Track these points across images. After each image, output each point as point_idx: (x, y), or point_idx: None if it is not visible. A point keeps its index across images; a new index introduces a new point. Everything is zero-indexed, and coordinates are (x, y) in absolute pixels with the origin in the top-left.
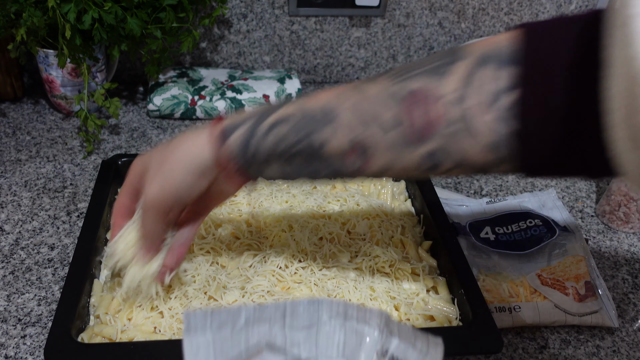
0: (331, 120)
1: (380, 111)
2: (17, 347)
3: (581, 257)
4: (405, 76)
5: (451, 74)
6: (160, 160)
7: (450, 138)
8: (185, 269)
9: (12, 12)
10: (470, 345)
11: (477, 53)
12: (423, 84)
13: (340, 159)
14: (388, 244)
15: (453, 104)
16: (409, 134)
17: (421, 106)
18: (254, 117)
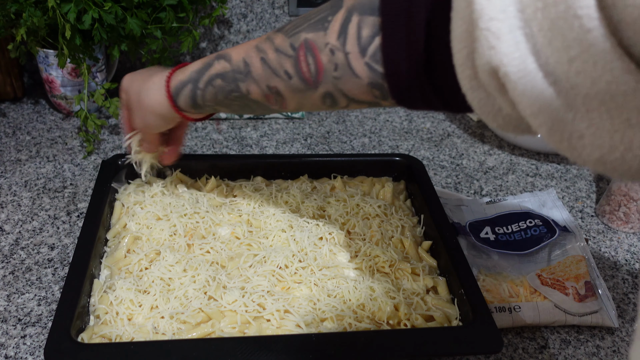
0: (249, 71)
1: (282, 61)
2: (17, 347)
3: (581, 257)
4: (299, 28)
5: (331, 25)
6: (136, 103)
7: (338, 80)
8: (185, 269)
9: (12, 12)
10: (470, 345)
11: (348, 4)
12: (312, 34)
13: (264, 100)
14: (388, 244)
15: (335, 50)
16: (306, 79)
17: (311, 54)
18: (193, 76)
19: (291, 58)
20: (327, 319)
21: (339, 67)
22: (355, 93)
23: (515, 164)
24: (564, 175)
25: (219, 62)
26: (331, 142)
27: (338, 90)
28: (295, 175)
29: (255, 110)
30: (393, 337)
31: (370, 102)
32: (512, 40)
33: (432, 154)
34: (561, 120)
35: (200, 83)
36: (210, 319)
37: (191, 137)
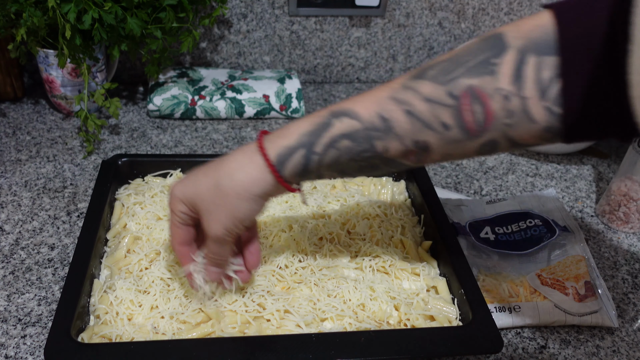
0: (390, 127)
1: (437, 112)
2: (17, 347)
3: (581, 257)
4: (454, 73)
5: (501, 69)
6: (215, 197)
7: (509, 127)
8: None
9: (12, 12)
10: (470, 345)
11: (518, 44)
12: (476, 81)
13: (401, 157)
14: (388, 244)
15: (511, 96)
16: (469, 129)
17: (479, 102)
18: (304, 141)
19: (450, 108)
20: (327, 319)
21: (514, 114)
22: (525, 138)
23: (515, 164)
24: (564, 175)
25: (341, 120)
26: None
27: (506, 137)
28: None
29: (378, 169)
30: (393, 337)
31: (531, 145)
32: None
33: None
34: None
35: (317, 147)
36: (210, 319)
37: (191, 137)
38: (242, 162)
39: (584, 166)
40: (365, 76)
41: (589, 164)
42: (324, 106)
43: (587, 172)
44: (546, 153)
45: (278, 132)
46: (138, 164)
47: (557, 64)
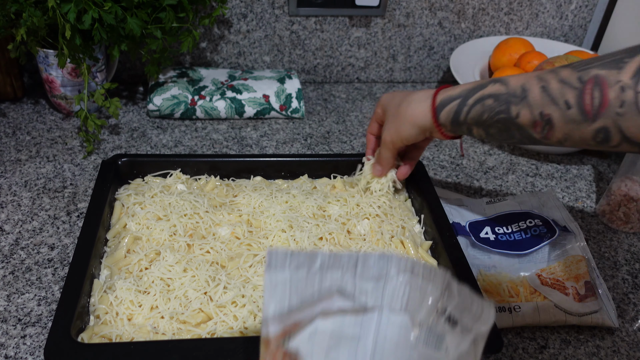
0: (526, 96)
1: (564, 92)
2: (17, 347)
3: (581, 257)
4: (590, 65)
5: (628, 65)
6: (395, 113)
7: (620, 117)
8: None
9: (12, 12)
10: None
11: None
12: (604, 72)
13: (529, 127)
14: (388, 244)
15: (626, 88)
16: (585, 112)
17: (599, 88)
18: (463, 93)
19: (576, 89)
20: None
21: (625, 104)
22: (633, 132)
23: (515, 164)
24: (564, 175)
25: (494, 84)
26: (331, 142)
27: (616, 126)
28: (295, 175)
29: (513, 136)
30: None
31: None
32: None
33: (432, 154)
34: None
35: (470, 100)
36: (210, 319)
37: (191, 137)
38: (422, 97)
39: (584, 166)
40: (365, 76)
41: (589, 164)
42: (324, 106)
43: (587, 172)
44: (546, 153)
45: (454, 86)
46: (138, 164)
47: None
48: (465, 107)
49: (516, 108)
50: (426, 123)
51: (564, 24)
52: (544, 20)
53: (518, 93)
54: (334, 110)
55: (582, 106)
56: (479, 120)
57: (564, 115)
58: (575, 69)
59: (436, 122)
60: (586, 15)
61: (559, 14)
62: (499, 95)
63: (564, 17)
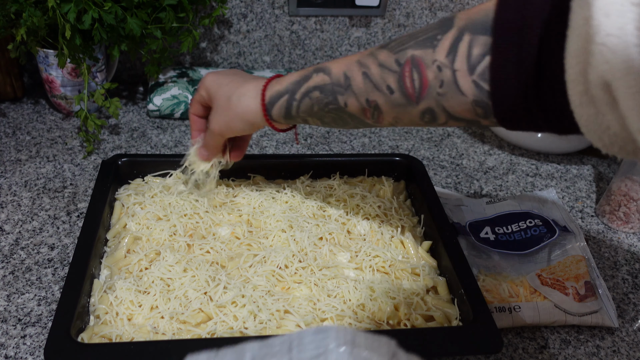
0: (350, 85)
1: (385, 76)
2: (17, 347)
3: (581, 257)
4: (406, 45)
5: (441, 43)
6: (224, 105)
7: (442, 97)
8: (185, 269)
9: (12, 12)
10: (470, 345)
11: (460, 24)
12: (419, 52)
13: (360, 114)
14: (388, 244)
15: (443, 67)
16: (409, 95)
17: (417, 70)
18: (290, 87)
19: (395, 73)
20: (327, 319)
21: (445, 84)
22: (457, 110)
23: (515, 164)
24: (564, 175)
25: (318, 74)
26: (331, 142)
27: (440, 106)
28: (295, 175)
29: (348, 123)
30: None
31: (469, 120)
32: (627, 56)
33: (432, 154)
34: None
35: (297, 94)
36: (210, 319)
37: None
38: (251, 92)
39: (584, 166)
40: None
41: (589, 164)
42: None
43: (587, 172)
44: (546, 153)
45: (280, 78)
46: (138, 164)
47: (489, 43)
48: (294, 101)
49: (342, 98)
50: (257, 119)
51: None
52: None
53: (342, 82)
54: None
55: (403, 90)
56: (311, 112)
57: (389, 100)
58: (392, 50)
59: (268, 119)
60: None
61: None
62: (324, 87)
63: None
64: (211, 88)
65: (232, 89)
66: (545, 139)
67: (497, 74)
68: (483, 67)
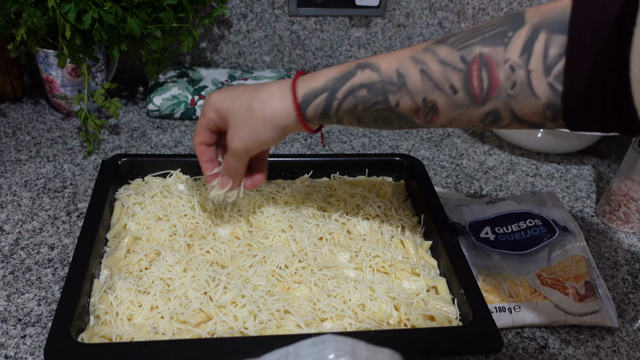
0: (404, 83)
1: (448, 74)
2: (17, 347)
3: (581, 257)
4: (471, 41)
5: (513, 41)
6: (244, 116)
7: (512, 98)
8: (185, 269)
9: (12, 12)
10: (470, 345)
11: (534, 21)
12: (488, 49)
13: (412, 114)
14: (388, 244)
15: (516, 68)
16: (475, 95)
17: (487, 70)
18: (330, 85)
19: (461, 72)
20: (327, 319)
21: (517, 85)
22: (526, 113)
23: (515, 164)
24: (564, 175)
25: (363, 71)
26: (331, 142)
27: (508, 108)
28: (295, 175)
29: (392, 123)
30: (393, 337)
31: (535, 123)
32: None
33: (432, 154)
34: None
35: (339, 93)
36: (210, 319)
37: (191, 137)
38: (275, 93)
39: (584, 166)
40: None
41: (589, 164)
42: None
43: (587, 172)
44: (546, 153)
45: (311, 74)
46: (138, 164)
47: (566, 43)
48: (335, 100)
49: (395, 97)
50: (290, 122)
51: None
52: None
53: (394, 80)
54: None
55: (469, 90)
56: (353, 112)
57: (450, 101)
58: (454, 46)
59: (303, 119)
60: None
61: None
62: (373, 85)
63: None
64: (222, 105)
65: (249, 97)
66: (546, 138)
67: (572, 75)
68: (559, 69)
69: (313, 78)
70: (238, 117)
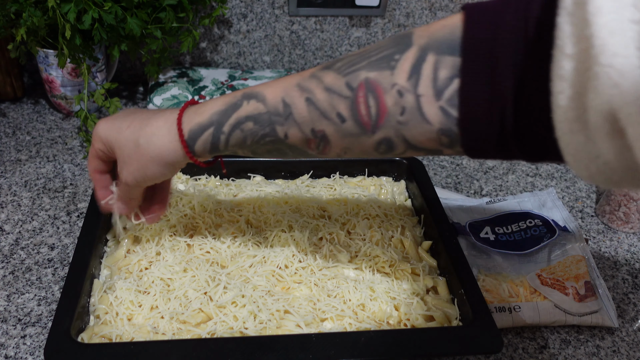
0: (290, 113)
1: (334, 102)
2: (17, 347)
3: (581, 257)
4: (357, 66)
5: (400, 64)
6: (131, 152)
7: (403, 125)
8: (185, 269)
9: (12, 12)
10: (470, 345)
11: (421, 42)
12: (374, 74)
13: (303, 145)
14: (388, 244)
15: (405, 93)
16: (364, 123)
17: (373, 96)
18: (215, 119)
19: (347, 99)
20: (327, 319)
21: (407, 111)
22: (420, 140)
23: (515, 164)
24: (564, 175)
25: (249, 102)
26: None
27: (400, 136)
28: (295, 175)
29: (286, 154)
30: (393, 337)
31: (431, 150)
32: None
33: None
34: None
35: (225, 127)
36: (210, 319)
37: None
38: (162, 129)
39: None
40: None
41: None
42: None
43: None
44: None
45: (197, 107)
46: None
47: (457, 65)
48: (222, 135)
49: (283, 129)
50: (178, 158)
51: None
52: None
53: (280, 110)
54: None
55: (357, 118)
56: (243, 145)
57: (339, 130)
58: (340, 72)
59: (191, 156)
60: None
61: None
62: (259, 117)
63: None
64: (109, 137)
65: (135, 131)
66: None
67: (467, 100)
68: (451, 92)
69: (199, 112)
70: (125, 152)
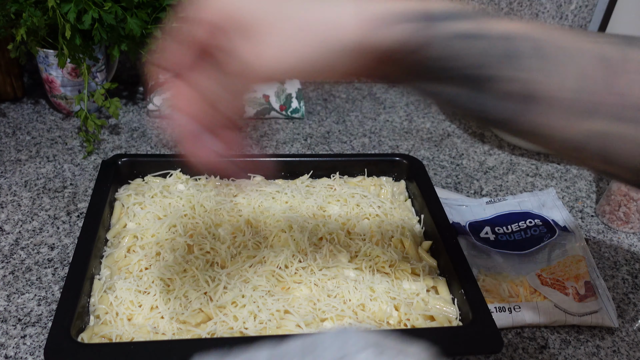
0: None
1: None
2: (17, 347)
3: (581, 257)
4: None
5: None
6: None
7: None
8: (185, 269)
9: (12, 12)
10: (470, 345)
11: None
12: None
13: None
14: (388, 244)
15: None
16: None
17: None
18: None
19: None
20: (327, 319)
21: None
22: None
23: (515, 164)
24: (564, 175)
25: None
26: (331, 142)
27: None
28: (295, 175)
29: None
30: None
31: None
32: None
33: (432, 154)
34: None
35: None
36: (210, 319)
37: None
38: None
39: None
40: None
41: None
42: (324, 106)
43: (587, 172)
44: (546, 153)
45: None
46: (138, 164)
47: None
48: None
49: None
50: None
51: (564, 24)
52: (544, 20)
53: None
54: (334, 110)
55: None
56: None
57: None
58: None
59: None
60: (586, 15)
61: (559, 14)
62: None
63: (564, 17)
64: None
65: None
66: None
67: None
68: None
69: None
70: (267, 20)
